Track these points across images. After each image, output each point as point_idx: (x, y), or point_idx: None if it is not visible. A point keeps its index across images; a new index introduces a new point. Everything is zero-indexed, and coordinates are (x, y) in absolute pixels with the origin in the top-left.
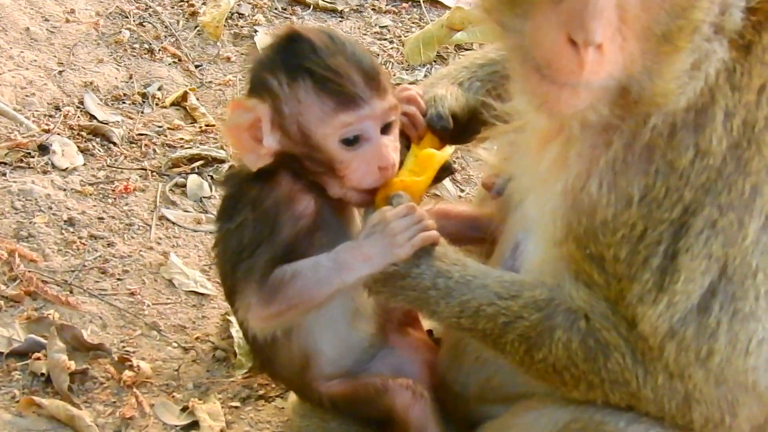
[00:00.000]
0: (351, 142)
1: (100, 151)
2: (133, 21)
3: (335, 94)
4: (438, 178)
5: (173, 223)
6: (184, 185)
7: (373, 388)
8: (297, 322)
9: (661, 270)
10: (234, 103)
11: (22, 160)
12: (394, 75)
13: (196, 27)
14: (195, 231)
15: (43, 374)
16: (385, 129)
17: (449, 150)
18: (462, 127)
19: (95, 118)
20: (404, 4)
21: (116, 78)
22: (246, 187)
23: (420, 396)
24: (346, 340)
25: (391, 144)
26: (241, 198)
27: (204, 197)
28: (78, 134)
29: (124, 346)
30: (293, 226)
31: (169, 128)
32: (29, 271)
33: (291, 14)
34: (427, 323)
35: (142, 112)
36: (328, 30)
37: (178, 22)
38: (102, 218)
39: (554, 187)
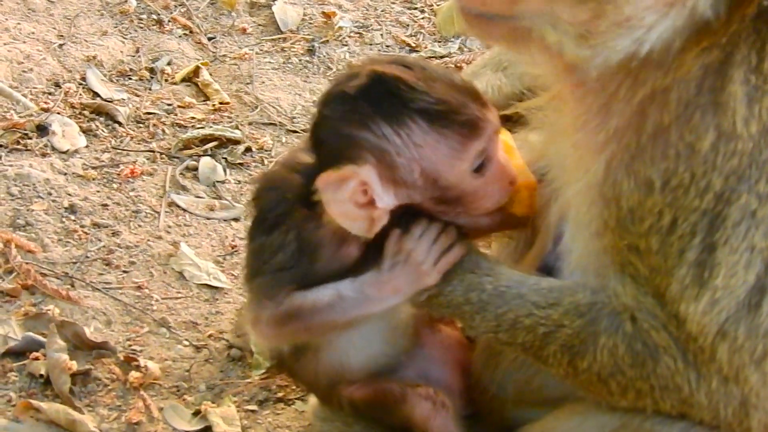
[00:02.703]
0: (480, 167)
1: (103, 131)
2: None
3: (459, 124)
4: None
5: (184, 210)
6: (196, 168)
7: (392, 395)
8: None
9: (699, 264)
10: (324, 180)
11: (18, 142)
12: (426, 47)
13: None
14: (208, 218)
15: (41, 375)
16: None
17: (506, 134)
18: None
19: (99, 96)
20: None
21: (121, 52)
22: (293, 207)
23: (441, 406)
24: (379, 354)
25: (504, 154)
26: (286, 216)
27: (217, 181)
28: (80, 113)
29: (130, 345)
30: (329, 265)
31: (179, 106)
32: (27, 263)
33: None
34: None
35: (150, 89)
36: (399, 58)
37: None
38: (106, 205)
39: (583, 175)
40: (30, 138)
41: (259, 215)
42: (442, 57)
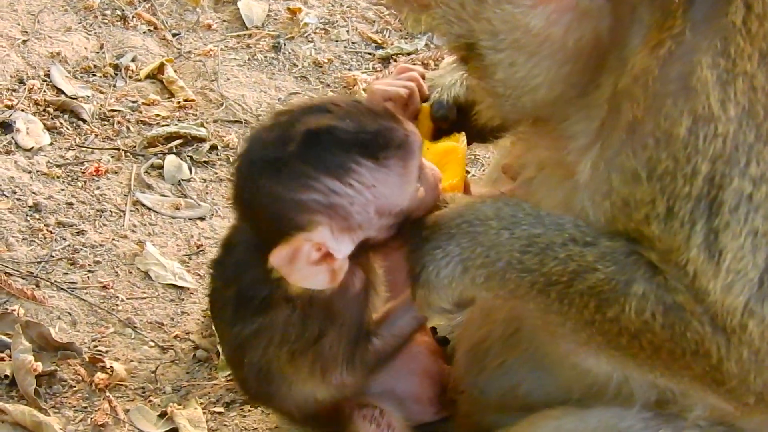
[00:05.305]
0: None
1: (68, 129)
2: None
3: (395, 148)
4: None
5: (149, 209)
6: (161, 167)
7: (342, 415)
8: None
9: (708, 247)
10: (276, 257)
11: None
12: (392, 44)
13: None
14: (173, 217)
15: (6, 376)
16: None
17: (464, 140)
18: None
19: (63, 93)
20: None
21: (86, 48)
22: (273, 281)
23: (386, 427)
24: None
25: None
26: (269, 292)
27: (183, 180)
28: (44, 110)
29: (95, 346)
30: (356, 306)
31: (144, 103)
32: None
33: None
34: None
35: (115, 86)
36: (313, 105)
37: None
38: (71, 203)
39: (574, 178)
40: None
41: (240, 300)
42: (408, 54)
